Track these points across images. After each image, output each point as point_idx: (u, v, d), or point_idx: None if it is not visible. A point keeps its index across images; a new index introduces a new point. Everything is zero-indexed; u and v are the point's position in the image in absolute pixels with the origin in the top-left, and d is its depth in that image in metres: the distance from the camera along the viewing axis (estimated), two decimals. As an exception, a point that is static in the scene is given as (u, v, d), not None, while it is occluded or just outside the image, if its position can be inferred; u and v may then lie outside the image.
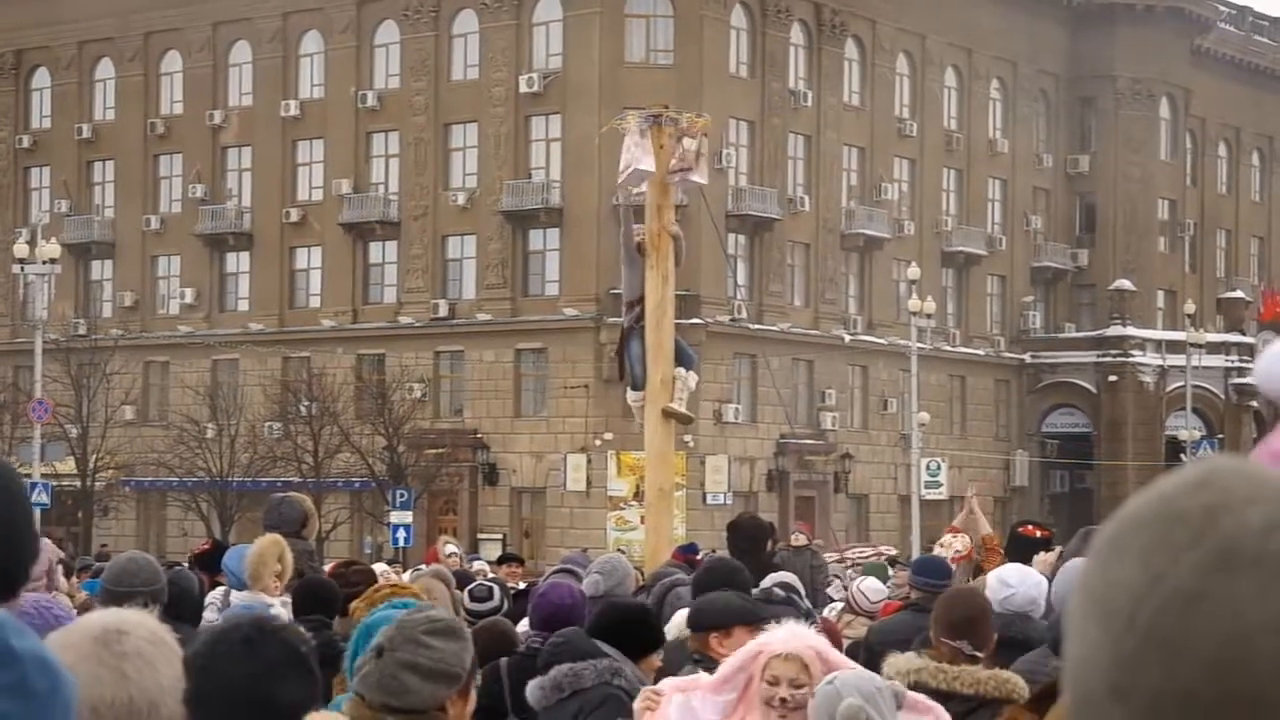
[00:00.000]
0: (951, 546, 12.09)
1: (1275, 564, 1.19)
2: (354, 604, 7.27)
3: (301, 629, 4.25)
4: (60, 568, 9.67)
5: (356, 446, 53.76)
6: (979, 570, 10.42)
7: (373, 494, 55.22)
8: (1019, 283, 68.60)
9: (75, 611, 9.96)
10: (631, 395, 13.77)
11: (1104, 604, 1.24)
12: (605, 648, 6.57)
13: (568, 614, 7.27)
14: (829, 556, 24.79)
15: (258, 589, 8.54)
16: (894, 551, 33.36)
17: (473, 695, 4.25)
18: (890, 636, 9.22)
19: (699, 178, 13.58)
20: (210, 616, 9.26)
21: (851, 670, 5.09)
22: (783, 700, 5.07)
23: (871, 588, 11.15)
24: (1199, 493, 1.24)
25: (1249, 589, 1.19)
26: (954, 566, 11.27)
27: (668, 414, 13.39)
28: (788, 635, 5.23)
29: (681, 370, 13.62)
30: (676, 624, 7.72)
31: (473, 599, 8.90)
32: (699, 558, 11.64)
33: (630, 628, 6.77)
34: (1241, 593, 1.19)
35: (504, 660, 7.39)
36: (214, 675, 3.65)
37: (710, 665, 5.91)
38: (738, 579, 7.91)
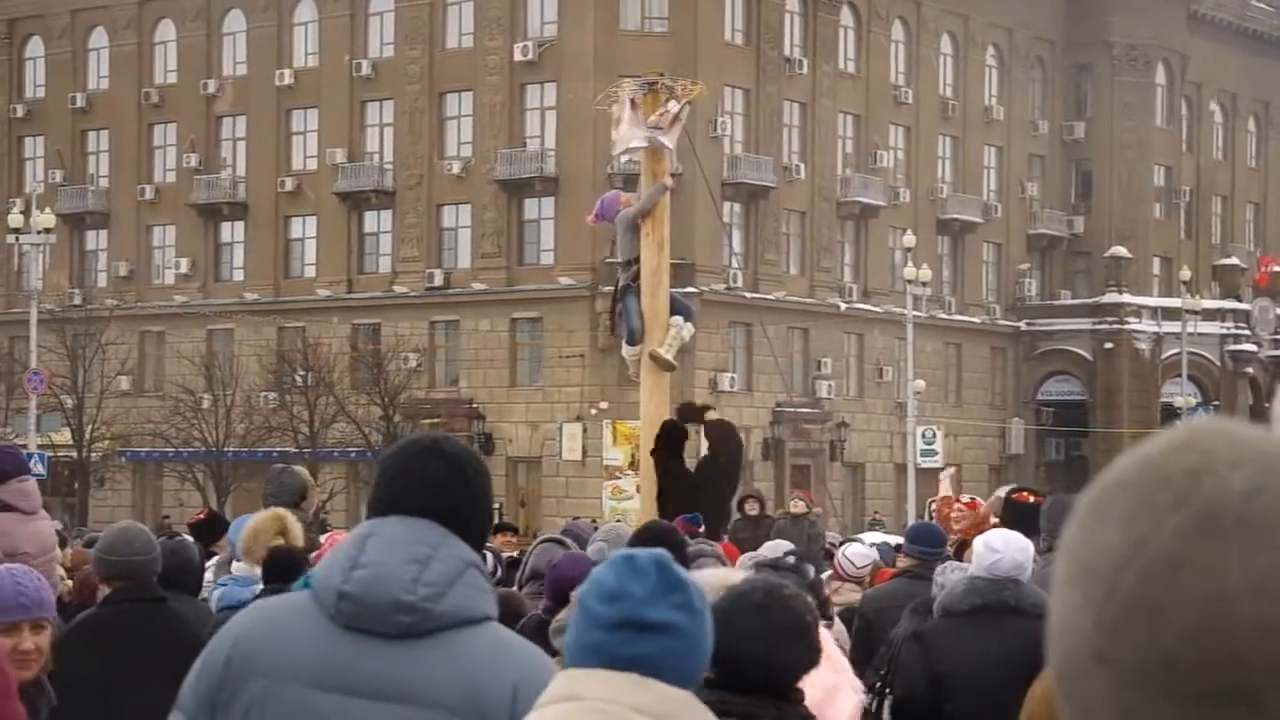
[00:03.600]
0: (961, 519, 12.14)
1: (1258, 528, 1.18)
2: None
3: (808, 599, 4.64)
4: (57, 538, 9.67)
5: (352, 416, 53.79)
6: (963, 546, 10.43)
7: (369, 464, 55.17)
8: (1015, 250, 68.57)
9: (67, 582, 9.97)
10: (627, 350, 13.75)
11: (1086, 568, 1.23)
12: None
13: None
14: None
15: (250, 562, 8.63)
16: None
17: None
18: (884, 603, 9.26)
19: (667, 140, 13.48)
20: (208, 581, 9.33)
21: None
22: None
23: (857, 553, 11.17)
24: (1182, 455, 1.23)
25: (1231, 553, 1.18)
26: (949, 534, 11.29)
27: (653, 358, 13.36)
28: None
29: (678, 319, 13.58)
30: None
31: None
32: (700, 530, 11.59)
33: None
34: (1224, 557, 1.18)
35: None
36: (730, 634, 3.93)
37: None
38: (670, 539, 7.88)
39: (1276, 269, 70.54)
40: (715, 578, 4.74)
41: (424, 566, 3.42)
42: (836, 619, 8.85)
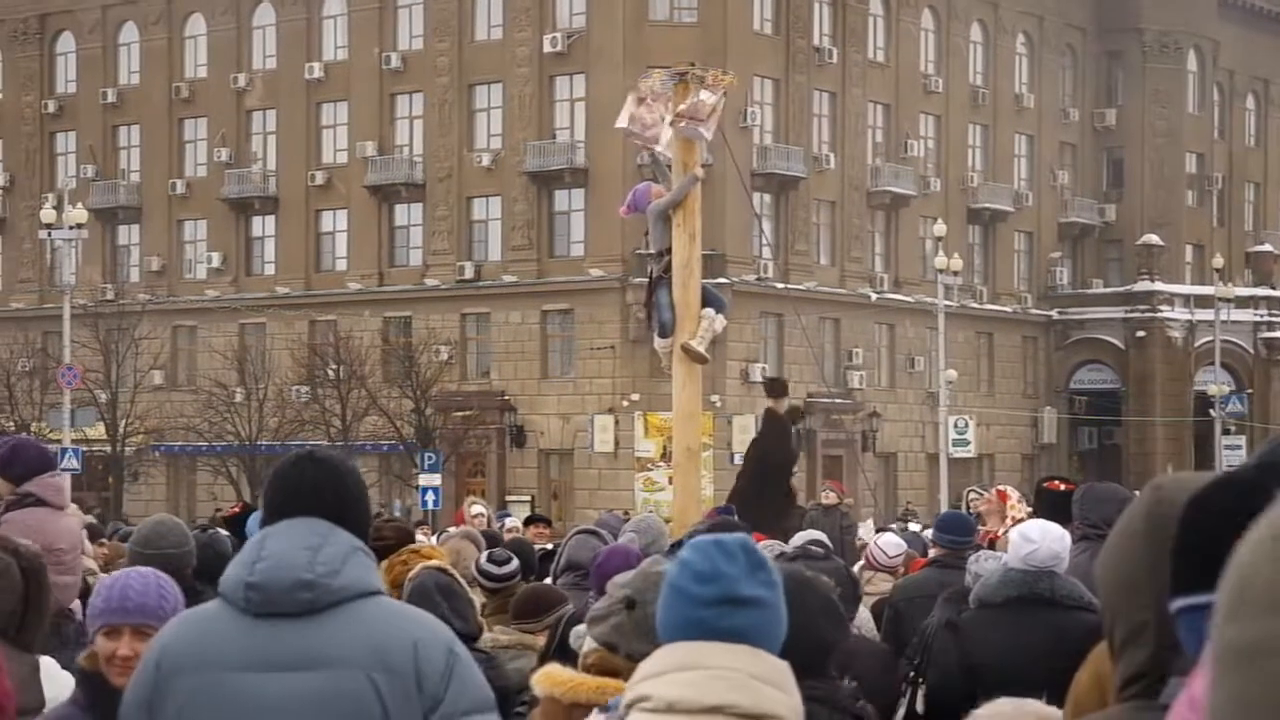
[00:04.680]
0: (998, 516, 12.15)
1: None
2: (383, 562, 7.28)
3: (830, 581, 4.98)
4: (86, 532, 9.72)
5: (384, 409, 53.88)
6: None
7: (401, 457, 55.39)
8: (1046, 239, 68.35)
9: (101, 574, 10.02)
10: (659, 342, 13.73)
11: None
12: None
13: None
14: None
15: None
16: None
17: None
18: (914, 593, 9.24)
19: (705, 131, 13.43)
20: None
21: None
22: None
23: (889, 543, 11.17)
24: None
25: None
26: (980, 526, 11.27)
27: (685, 350, 13.35)
28: None
29: (710, 311, 13.55)
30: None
31: (491, 562, 8.89)
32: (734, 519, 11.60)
33: None
34: None
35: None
36: None
37: None
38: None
39: (1310, 256, 70.22)
40: None
41: (317, 551, 3.90)
42: (862, 608, 8.84)
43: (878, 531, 15.37)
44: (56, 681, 5.33)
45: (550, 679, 4.01)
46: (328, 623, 3.89)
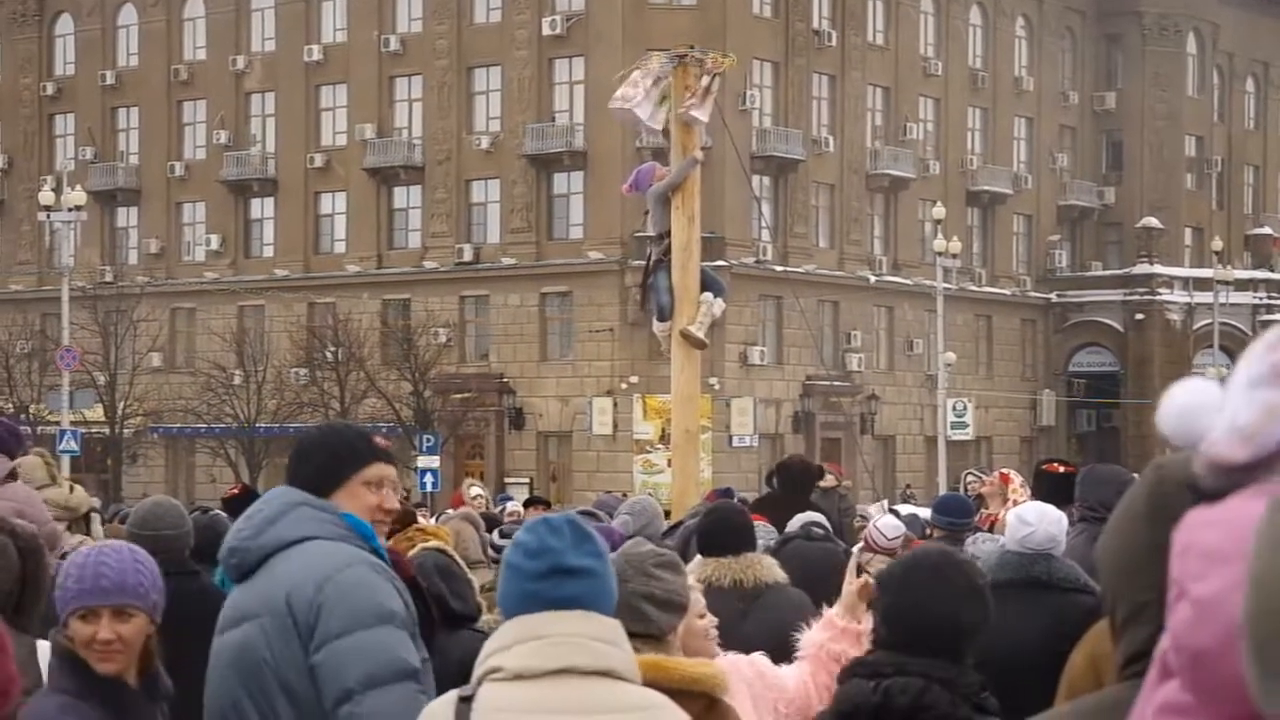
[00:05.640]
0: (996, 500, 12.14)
1: None
2: (387, 543, 7.28)
3: (978, 565, 4.95)
4: (96, 516, 9.72)
5: (383, 392, 53.90)
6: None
7: (399, 439, 55.41)
8: (1045, 221, 68.34)
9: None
10: (658, 325, 13.73)
11: None
12: None
13: None
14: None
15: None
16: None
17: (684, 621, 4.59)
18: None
19: (700, 114, 13.42)
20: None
21: None
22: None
23: (888, 524, 11.17)
24: None
25: None
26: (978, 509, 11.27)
27: (684, 336, 13.35)
28: None
29: (709, 295, 13.55)
30: (694, 568, 7.76)
31: (502, 537, 8.94)
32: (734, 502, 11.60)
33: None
34: None
35: None
36: (906, 596, 4.40)
37: None
38: (737, 520, 7.91)
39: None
40: None
41: (251, 518, 4.36)
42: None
43: (890, 511, 15.36)
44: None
45: None
46: (255, 580, 4.32)
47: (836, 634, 5.38)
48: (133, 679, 4.33)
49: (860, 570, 5.62)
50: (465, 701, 3.30)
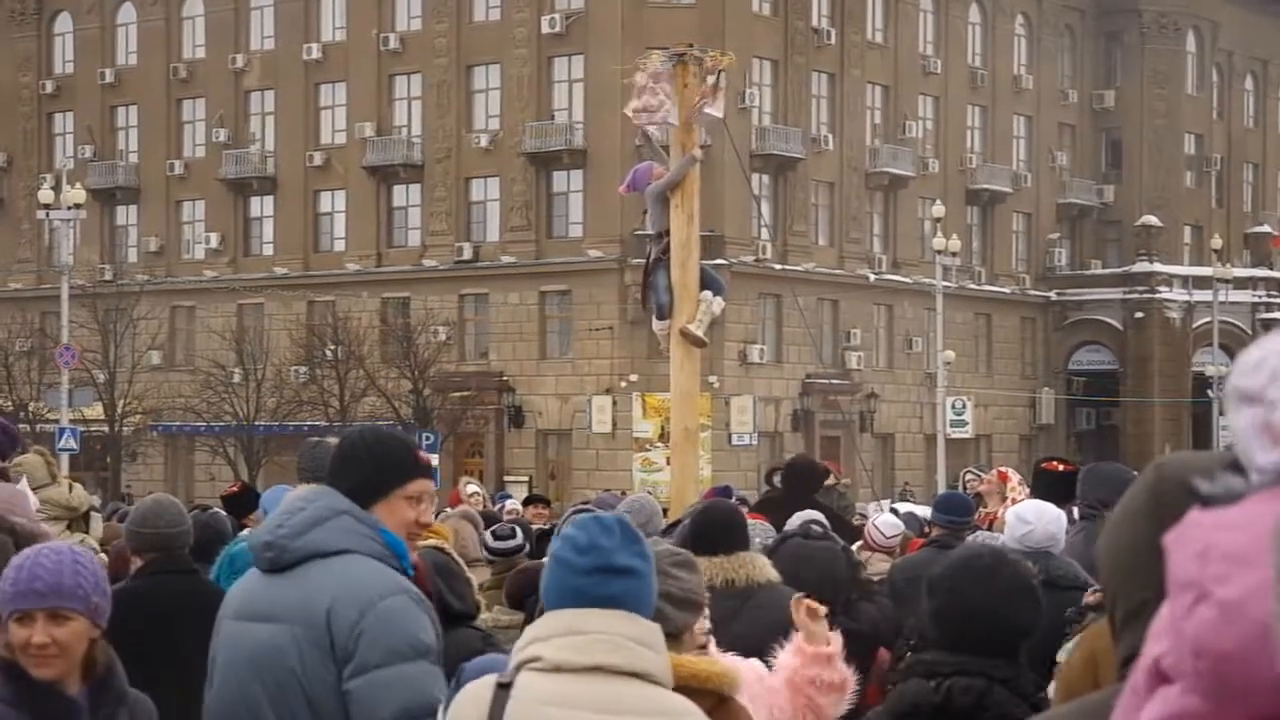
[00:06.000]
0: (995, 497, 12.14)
1: None
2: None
3: (1031, 565, 4.95)
4: (96, 515, 9.73)
5: (382, 390, 53.87)
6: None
7: (399, 437, 55.29)
8: (1044, 220, 68.34)
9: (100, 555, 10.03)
10: (657, 324, 13.73)
11: None
12: None
13: None
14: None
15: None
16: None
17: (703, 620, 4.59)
18: (912, 573, 9.24)
19: (714, 110, 13.42)
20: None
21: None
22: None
23: (887, 523, 11.18)
24: None
25: None
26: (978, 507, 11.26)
27: (684, 334, 13.34)
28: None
29: (708, 294, 13.54)
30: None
31: (496, 538, 8.94)
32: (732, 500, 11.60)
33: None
34: None
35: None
36: (959, 595, 4.43)
37: None
38: (732, 519, 7.90)
39: (1308, 237, 70.19)
40: None
41: (293, 515, 4.39)
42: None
43: (891, 510, 15.38)
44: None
45: None
46: (293, 580, 4.33)
47: (807, 660, 5.33)
48: (74, 685, 4.12)
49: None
50: (504, 688, 3.37)
